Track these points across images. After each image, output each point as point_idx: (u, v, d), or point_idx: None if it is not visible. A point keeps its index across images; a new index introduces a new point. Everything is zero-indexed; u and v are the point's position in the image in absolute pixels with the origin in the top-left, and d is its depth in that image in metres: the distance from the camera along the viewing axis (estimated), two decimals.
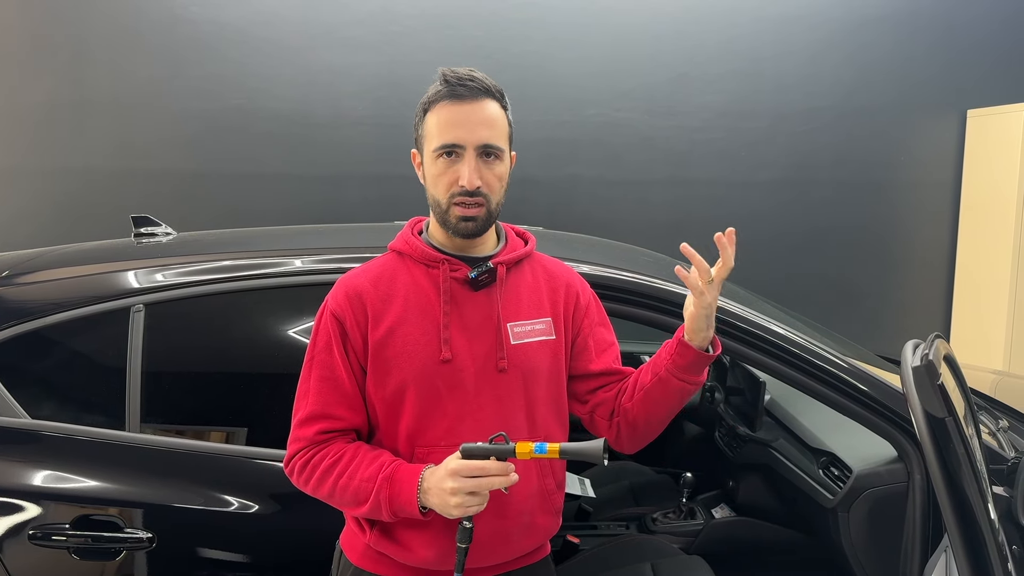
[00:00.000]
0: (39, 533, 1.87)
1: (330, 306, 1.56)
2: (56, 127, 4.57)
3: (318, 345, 1.56)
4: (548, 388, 1.61)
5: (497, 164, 1.53)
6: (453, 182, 1.50)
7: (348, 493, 1.48)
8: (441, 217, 1.55)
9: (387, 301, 1.55)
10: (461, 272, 1.56)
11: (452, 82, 1.51)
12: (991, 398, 2.69)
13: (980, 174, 4.84)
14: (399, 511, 1.46)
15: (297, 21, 4.61)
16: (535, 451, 1.40)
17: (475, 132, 1.50)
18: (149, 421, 1.99)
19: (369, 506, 1.47)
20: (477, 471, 1.38)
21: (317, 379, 1.54)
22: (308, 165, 4.69)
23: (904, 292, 5.12)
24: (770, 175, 4.94)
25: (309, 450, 1.52)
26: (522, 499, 1.56)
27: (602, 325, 1.72)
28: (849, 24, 4.88)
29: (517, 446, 1.40)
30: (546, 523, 1.63)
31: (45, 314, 2.04)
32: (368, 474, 1.47)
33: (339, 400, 1.53)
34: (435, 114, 1.52)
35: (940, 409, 1.54)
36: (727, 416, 3.00)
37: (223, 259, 2.15)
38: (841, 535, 2.23)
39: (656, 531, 2.86)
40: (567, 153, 4.80)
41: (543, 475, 1.61)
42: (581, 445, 1.42)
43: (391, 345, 1.53)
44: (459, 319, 1.55)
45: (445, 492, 1.39)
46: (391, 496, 1.45)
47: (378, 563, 1.59)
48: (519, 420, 1.56)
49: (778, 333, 2.07)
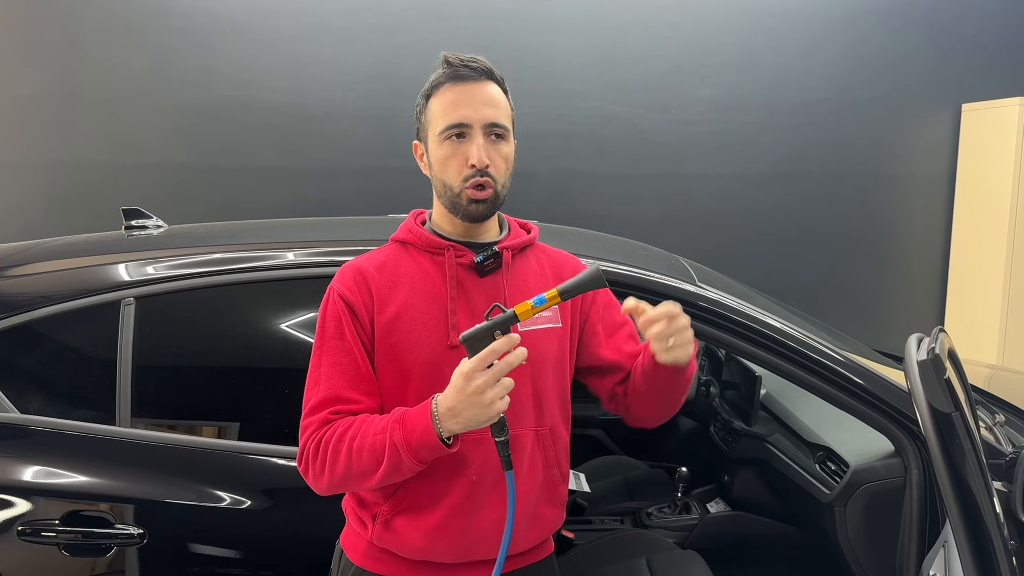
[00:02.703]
0: (28, 529, 1.85)
1: (337, 288, 1.53)
2: (46, 119, 4.54)
3: (327, 331, 1.51)
4: (554, 376, 1.59)
5: (503, 144, 1.52)
6: (463, 163, 1.49)
7: (364, 454, 1.40)
8: (451, 201, 1.52)
9: (392, 287, 1.53)
10: (467, 258, 1.54)
11: (455, 64, 1.51)
12: (987, 392, 2.69)
13: (974, 168, 4.85)
14: (420, 450, 1.38)
15: (290, 12, 4.58)
16: (535, 304, 1.35)
17: (480, 111, 1.49)
18: (140, 416, 1.97)
19: (388, 459, 1.39)
20: (490, 358, 1.33)
21: (329, 364, 1.49)
22: (301, 158, 4.67)
23: (898, 286, 5.12)
24: (764, 169, 4.94)
25: (319, 431, 1.45)
26: (528, 489, 1.54)
27: (611, 307, 1.69)
28: (843, 18, 4.87)
29: (516, 309, 1.35)
30: (551, 515, 1.62)
31: (34, 307, 2.01)
32: (379, 427, 1.41)
33: (353, 383, 1.49)
34: (439, 98, 1.52)
35: (947, 404, 1.53)
36: (722, 410, 3.00)
37: (214, 252, 2.13)
38: (837, 530, 2.23)
39: (651, 526, 2.86)
40: (561, 146, 4.78)
41: (548, 465, 1.59)
42: (578, 278, 1.38)
43: (396, 331, 1.50)
44: (466, 305, 1.53)
45: (476, 395, 1.33)
46: (406, 435, 1.37)
47: (380, 561, 1.56)
48: (527, 408, 1.54)
49: (774, 327, 2.06)
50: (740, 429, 2.81)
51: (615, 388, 1.65)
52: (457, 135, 1.49)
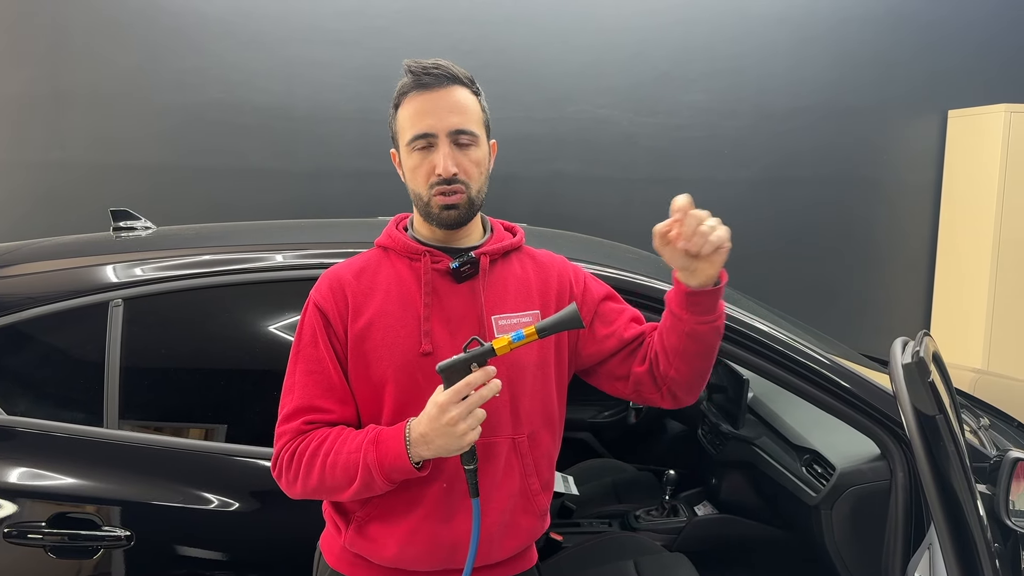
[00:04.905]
0: (14, 531, 1.84)
1: (314, 298, 1.55)
2: (34, 119, 4.52)
3: (303, 339, 1.53)
4: (534, 383, 1.57)
5: (472, 150, 1.51)
6: (430, 172, 1.48)
7: (338, 470, 1.42)
8: (424, 210, 1.53)
9: (368, 294, 1.53)
10: (443, 264, 1.53)
11: (417, 72, 1.50)
12: (972, 396, 2.71)
13: (961, 174, 4.88)
14: (392, 472, 1.40)
15: (280, 14, 4.57)
16: (513, 340, 1.37)
17: (444, 119, 1.48)
18: (128, 417, 1.97)
19: (360, 478, 1.41)
20: (464, 390, 1.35)
21: (303, 372, 1.51)
22: (290, 159, 4.66)
23: (885, 290, 5.15)
24: (752, 173, 4.96)
25: (293, 441, 1.47)
26: (503, 498, 1.53)
27: (608, 299, 1.67)
28: (831, 24, 4.90)
29: (495, 343, 1.36)
30: (529, 524, 1.59)
31: (22, 308, 2.01)
32: (354, 445, 1.43)
33: (326, 393, 1.50)
34: (405, 107, 1.52)
35: (931, 407, 1.54)
36: (710, 414, 3.01)
37: (203, 254, 2.12)
38: (824, 532, 2.24)
39: (639, 528, 2.86)
40: (550, 150, 4.79)
41: (526, 475, 1.57)
42: (556, 317, 1.39)
43: (370, 338, 1.50)
44: (441, 311, 1.52)
45: (449, 427, 1.34)
46: (379, 457, 1.39)
47: (353, 566, 1.56)
48: (503, 414, 1.53)
49: (761, 330, 2.07)
50: (727, 432, 2.82)
51: (633, 372, 1.61)
52: (423, 146, 1.49)
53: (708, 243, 1.40)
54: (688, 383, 1.57)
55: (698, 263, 1.44)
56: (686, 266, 1.45)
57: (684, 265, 1.45)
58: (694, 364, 1.55)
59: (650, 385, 1.60)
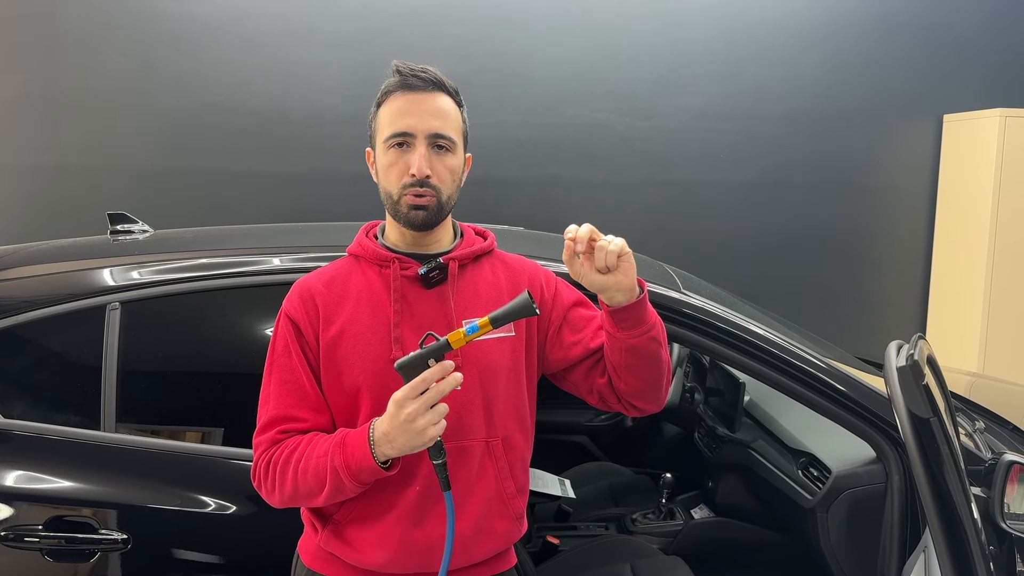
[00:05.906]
0: (11, 534, 1.84)
1: (285, 309, 1.56)
2: (30, 122, 4.51)
3: (276, 350, 1.54)
4: (507, 386, 1.57)
5: (448, 156, 1.52)
6: (404, 171, 1.49)
7: (309, 475, 1.43)
8: (392, 208, 1.53)
9: (339, 302, 1.54)
10: (412, 270, 1.54)
11: (405, 73, 1.52)
12: (967, 399, 2.72)
13: (956, 178, 4.90)
14: (359, 473, 1.40)
15: (276, 18, 4.58)
16: (467, 333, 1.37)
17: (426, 121, 1.49)
18: (124, 421, 1.97)
19: (330, 481, 1.42)
20: (421, 386, 1.35)
21: (277, 383, 1.52)
22: (286, 162, 4.66)
23: (881, 294, 5.16)
24: (748, 177, 4.97)
25: (269, 451, 1.49)
26: (478, 502, 1.54)
27: (578, 305, 1.67)
28: (827, 29, 4.91)
29: (449, 337, 1.37)
30: (504, 528, 1.59)
31: (19, 312, 2.01)
32: (322, 450, 1.44)
33: (300, 402, 1.51)
34: (387, 106, 1.53)
35: (925, 410, 1.54)
36: (706, 417, 3.01)
37: (200, 257, 2.13)
38: (820, 535, 2.24)
39: (635, 531, 2.86)
40: (546, 154, 4.79)
41: (501, 478, 1.57)
42: (509, 305, 1.39)
43: (342, 346, 1.51)
44: (411, 318, 1.53)
45: (407, 423, 1.34)
46: (346, 459, 1.40)
47: (329, 563, 1.57)
48: (477, 419, 1.53)
49: (757, 334, 2.08)
50: (724, 435, 2.83)
51: (596, 383, 1.62)
52: (400, 144, 1.50)
53: (608, 253, 1.43)
54: (641, 393, 1.58)
55: (612, 277, 1.45)
56: (605, 286, 1.47)
57: (603, 285, 1.47)
58: (641, 375, 1.55)
59: (612, 396, 1.61)
